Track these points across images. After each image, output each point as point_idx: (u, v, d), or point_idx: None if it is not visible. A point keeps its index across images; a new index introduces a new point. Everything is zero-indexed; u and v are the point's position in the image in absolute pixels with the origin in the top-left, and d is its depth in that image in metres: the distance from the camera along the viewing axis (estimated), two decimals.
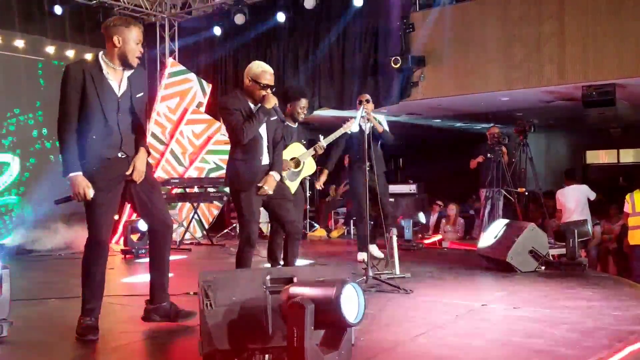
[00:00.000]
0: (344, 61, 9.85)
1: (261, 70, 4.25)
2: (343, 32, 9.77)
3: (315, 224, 10.34)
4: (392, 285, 4.90)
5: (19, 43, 9.35)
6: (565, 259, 6.18)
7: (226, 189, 9.02)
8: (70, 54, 9.81)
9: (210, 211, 10.40)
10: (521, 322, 3.87)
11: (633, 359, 3.18)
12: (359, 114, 5.67)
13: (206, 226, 9.93)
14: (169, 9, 11.44)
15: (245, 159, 4.25)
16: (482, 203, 8.86)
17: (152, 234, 3.82)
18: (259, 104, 4.24)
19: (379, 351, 3.24)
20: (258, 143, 4.27)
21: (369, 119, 5.93)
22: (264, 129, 4.30)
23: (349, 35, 9.75)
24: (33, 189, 9.33)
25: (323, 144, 5.79)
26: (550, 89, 8.78)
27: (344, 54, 9.86)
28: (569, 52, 8.15)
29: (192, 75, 10.42)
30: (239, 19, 10.17)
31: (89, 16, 10.22)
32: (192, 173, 10.06)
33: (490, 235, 6.26)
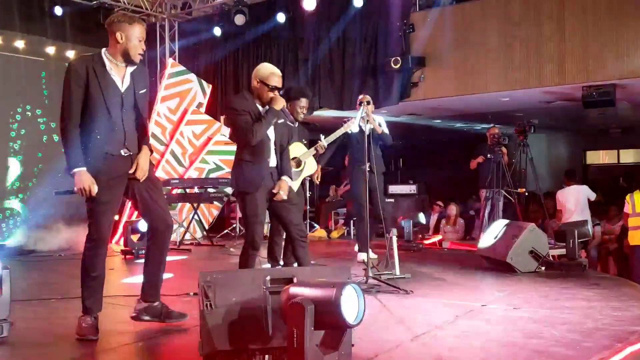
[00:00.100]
0: (344, 62, 9.83)
1: (270, 72, 4.25)
2: (343, 33, 9.75)
3: (315, 225, 10.33)
4: (392, 285, 4.90)
5: (20, 44, 9.37)
6: (565, 259, 6.19)
7: (226, 190, 9.04)
8: (70, 54, 9.81)
9: (210, 212, 10.39)
10: (521, 322, 3.87)
11: (633, 359, 3.18)
12: (359, 114, 5.67)
13: (206, 227, 9.92)
14: (169, 10, 11.44)
15: (253, 160, 4.23)
16: (482, 203, 8.87)
17: (152, 232, 3.81)
18: (268, 106, 4.24)
19: (379, 351, 3.24)
20: (266, 144, 4.27)
21: (369, 120, 5.94)
22: (271, 131, 4.30)
23: (349, 35, 9.72)
24: (34, 190, 9.35)
25: (324, 144, 5.79)
26: (550, 90, 8.77)
27: (344, 55, 9.84)
28: (569, 53, 8.13)
29: (192, 76, 10.41)
30: (239, 19, 10.17)
31: (89, 17, 10.20)
32: (192, 173, 10.05)
33: (491, 235, 6.26)
